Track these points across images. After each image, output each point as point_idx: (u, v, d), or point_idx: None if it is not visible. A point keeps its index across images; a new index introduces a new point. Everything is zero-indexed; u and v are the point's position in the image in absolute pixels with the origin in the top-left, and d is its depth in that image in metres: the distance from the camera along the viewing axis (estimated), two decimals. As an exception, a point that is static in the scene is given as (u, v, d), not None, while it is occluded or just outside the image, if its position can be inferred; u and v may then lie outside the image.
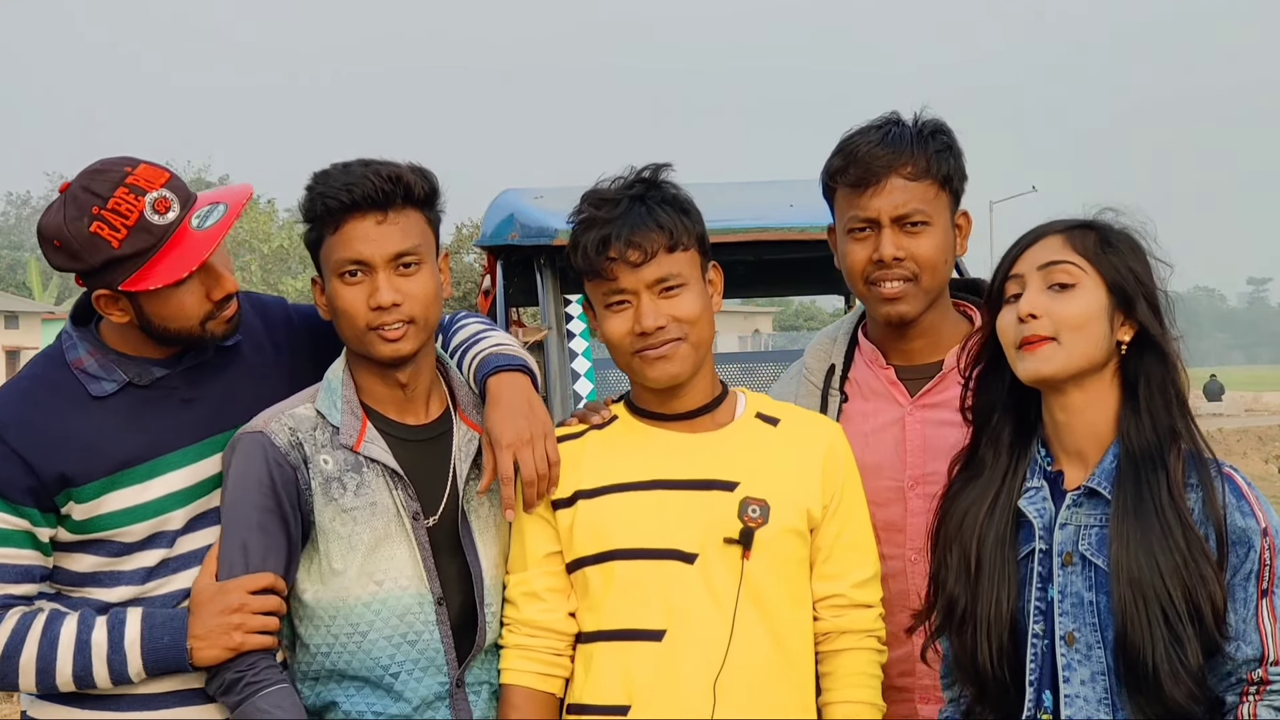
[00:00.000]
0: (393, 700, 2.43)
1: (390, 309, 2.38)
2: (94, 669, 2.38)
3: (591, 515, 2.43)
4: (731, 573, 2.37)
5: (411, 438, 2.50)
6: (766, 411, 2.53)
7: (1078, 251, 2.18)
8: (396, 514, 2.44)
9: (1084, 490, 2.19)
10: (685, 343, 2.39)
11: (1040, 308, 2.16)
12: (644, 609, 2.38)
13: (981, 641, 2.22)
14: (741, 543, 2.36)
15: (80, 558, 2.46)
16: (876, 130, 2.62)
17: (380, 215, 2.39)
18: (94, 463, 2.42)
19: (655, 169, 2.47)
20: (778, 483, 2.42)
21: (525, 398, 2.49)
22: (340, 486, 2.42)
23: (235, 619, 2.35)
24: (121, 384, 2.47)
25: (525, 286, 5.20)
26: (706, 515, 2.39)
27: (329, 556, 2.42)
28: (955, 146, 2.64)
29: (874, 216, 2.59)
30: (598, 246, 2.37)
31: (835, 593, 2.46)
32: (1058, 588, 2.18)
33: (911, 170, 2.57)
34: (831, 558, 2.47)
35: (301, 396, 2.50)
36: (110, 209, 2.35)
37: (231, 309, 2.50)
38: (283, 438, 2.42)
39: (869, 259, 2.60)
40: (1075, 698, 2.16)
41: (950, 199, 2.64)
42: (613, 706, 2.39)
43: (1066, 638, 2.17)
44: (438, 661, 2.45)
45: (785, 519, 2.40)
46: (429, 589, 2.45)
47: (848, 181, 2.61)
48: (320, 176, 2.44)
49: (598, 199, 2.43)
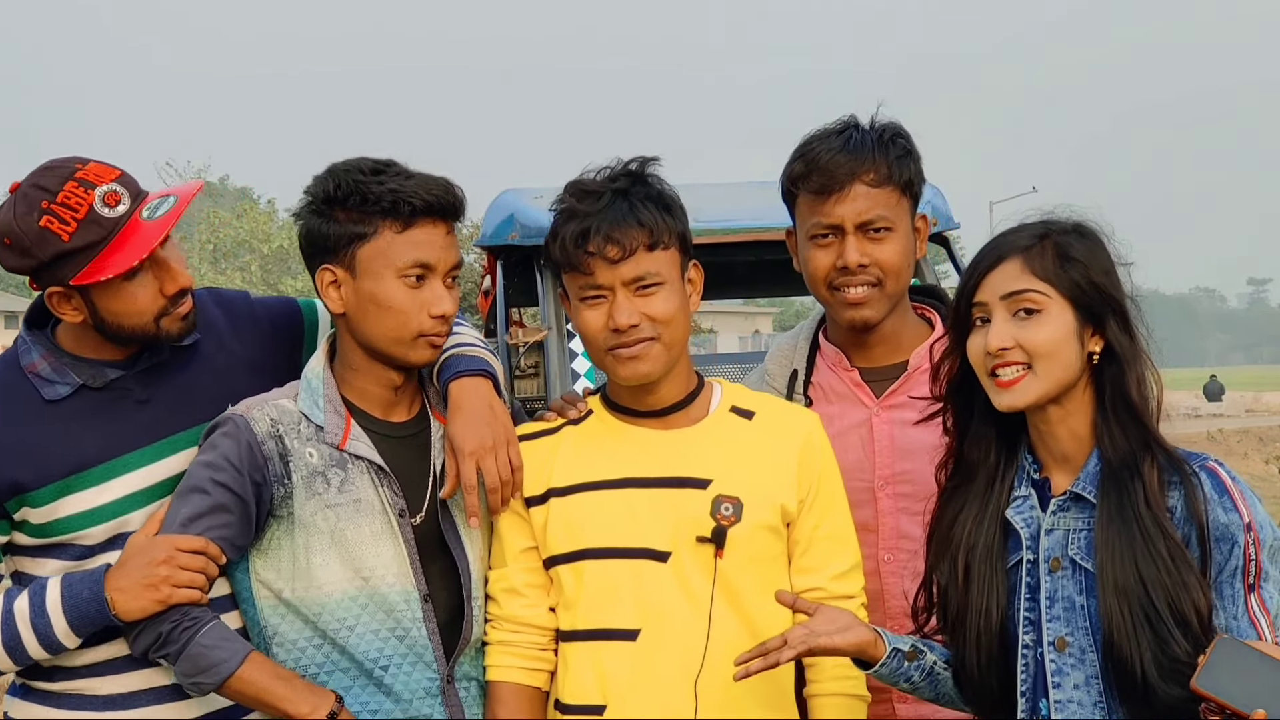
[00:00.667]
0: (385, 696, 2.43)
1: (444, 320, 2.43)
2: (22, 637, 2.36)
3: (564, 513, 2.41)
4: (705, 571, 2.35)
5: (394, 434, 2.50)
6: (741, 404, 2.50)
7: (1038, 275, 2.15)
8: (383, 510, 2.44)
9: (1069, 495, 2.19)
10: (658, 343, 2.36)
11: (1009, 339, 2.15)
12: (617, 608, 2.37)
13: (969, 651, 2.23)
14: (714, 541, 2.34)
15: (44, 562, 2.45)
16: (837, 136, 2.62)
17: (448, 226, 2.45)
18: (48, 467, 2.40)
19: (642, 163, 2.43)
20: (751, 479, 2.39)
21: (486, 403, 2.47)
22: (324, 481, 2.42)
23: (162, 570, 2.31)
24: (75, 387, 2.45)
25: (525, 286, 5.20)
26: (679, 514, 2.37)
27: (308, 550, 2.41)
28: (914, 150, 2.65)
29: (837, 223, 2.59)
30: (576, 240, 2.34)
31: (815, 585, 2.44)
32: (1046, 593, 2.18)
33: (874, 177, 2.57)
34: (810, 550, 2.45)
35: (284, 391, 2.49)
36: (60, 203, 2.33)
37: (186, 306, 2.47)
38: (263, 425, 2.41)
39: (832, 265, 2.61)
40: (1067, 703, 2.15)
41: (910, 203, 2.65)
42: (589, 706, 2.38)
43: (1057, 643, 2.16)
44: (426, 657, 2.45)
45: (759, 516, 2.37)
46: (415, 586, 2.44)
47: (810, 188, 2.61)
48: (371, 171, 2.40)
49: (580, 190, 2.39)
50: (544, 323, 4.85)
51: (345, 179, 2.40)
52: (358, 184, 2.39)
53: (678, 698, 2.33)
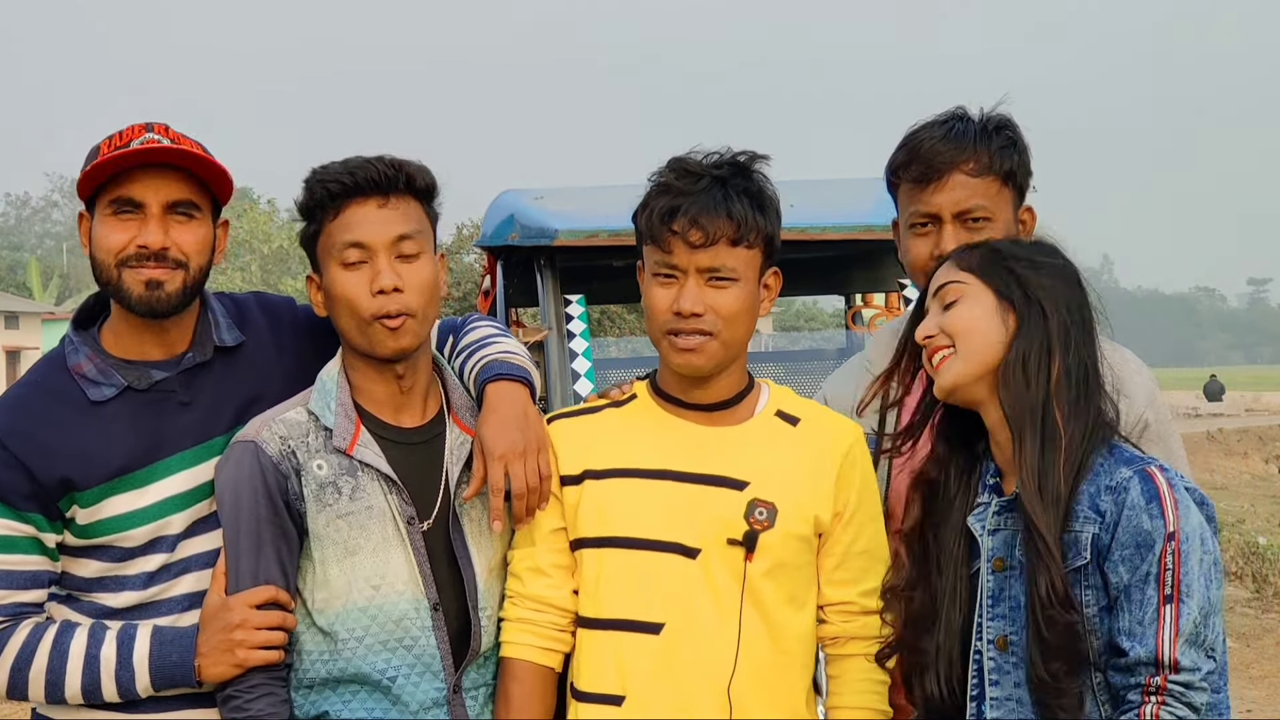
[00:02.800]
0: (391, 704, 2.42)
1: (391, 294, 2.36)
2: (102, 683, 2.38)
3: (597, 497, 2.39)
4: (732, 572, 2.34)
5: (405, 440, 2.48)
6: (788, 410, 2.48)
7: (961, 268, 2.28)
8: (392, 518, 2.42)
9: (1014, 496, 2.21)
10: (715, 340, 2.34)
11: (934, 326, 2.26)
12: (643, 601, 2.35)
13: (930, 667, 2.26)
14: (744, 544, 2.33)
15: (86, 563, 2.46)
16: (940, 125, 2.60)
17: (382, 199, 2.39)
18: (93, 468, 2.41)
19: (751, 157, 2.41)
20: (789, 486, 2.38)
21: (522, 408, 2.45)
22: (335, 491, 2.41)
23: (237, 635, 2.34)
24: (120, 389, 2.46)
25: (525, 287, 5.20)
26: (712, 512, 2.36)
27: (324, 563, 2.40)
28: (1020, 142, 2.63)
29: (935, 212, 2.57)
30: (664, 215, 2.32)
31: (846, 600, 2.44)
32: (989, 592, 2.21)
33: (974, 166, 2.55)
34: (844, 564, 2.44)
35: (294, 401, 2.48)
36: (119, 133, 2.44)
37: (153, 271, 2.41)
38: (274, 446, 2.39)
39: (931, 254, 2.57)
40: (1005, 700, 2.17)
41: (1013, 195, 2.62)
42: (608, 695, 2.37)
43: (998, 642, 2.19)
44: (434, 667, 2.43)
45: (791, 524, 2.36)
46: (425, 594, 2.43)
47: (910, 177, 2.59)
48: (318, 169, 2.44)
49: (682, 168, 2.37)
50: (544, 323, 4.86)
51: (304, 183, 2.43)
52: (305, 185, 2.42)
53: (699, 695, 2.33)
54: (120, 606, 2.46)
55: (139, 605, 2.46)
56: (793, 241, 5.59)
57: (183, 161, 2.43)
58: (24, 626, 2.41)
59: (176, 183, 2.43)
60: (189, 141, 2.46)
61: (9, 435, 2.40)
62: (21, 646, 2.39)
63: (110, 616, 2.45)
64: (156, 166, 2.41)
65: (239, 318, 2.61)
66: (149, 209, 2.42)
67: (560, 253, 4.76)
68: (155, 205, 2.42)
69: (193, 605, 2.46)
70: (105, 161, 2.38)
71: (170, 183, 2.43)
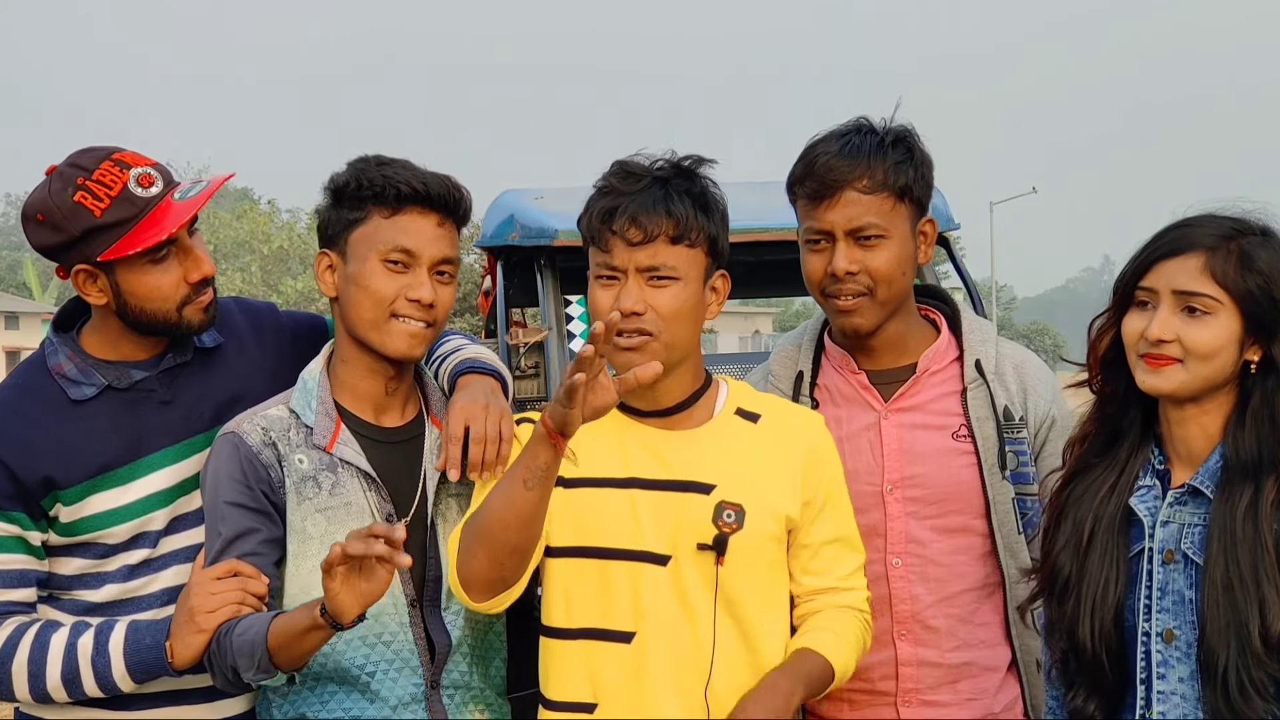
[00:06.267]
0: (369, 702, 2.42)
1: (426, 307, 2.40)
2: (80, 672, 2.38)
3: (565, 507, 2.36)
4: (703, 577, 2.33)
5: (385, 439, 2.49)
6: (747, 407, 2.46)
7: (1216, 280, 2.11)
8: (371, 515, 2.43)
9: (1187, 489, 2.17)
10: (657, 340, 2.31)
11: (1171, 332, 2.13)
12: (613, 610, 2.34)
13: (1084, 617, 2.20)
14: (715, 549, 2.31)
15: (68, 561, 2.47)
16: (837, 139, 2.58)
17: (442, 218, 2.43)
18: (75, 466, 2.42)
19: (696, 160, 2.40)
20: (755, 485, 2.36)
21: (491, 389, 2.50)
22: (315, 486, 2.42)
23: (194, 602, 2.33)
24: (101, 388, 2.47)
25: (525, 286, 5.20)
26: (680, 518, 2.33)
27: (298, 558, 2.41)
28: (917, 154, 2.60)
29: (828, 229, 2.56)
30: (603, 215, 2.33)
31: (824, 586, 2.44)
32: (1158, 584, 2.17)
33: (867, 183, 2.53)
34: (818, 556, 2.44)
35: (275, 399, 2.50)
36: (95, 180, 2.37)
37: (208, 296, 2.49)
38: (255, 437, 2.41)
39: (824, 271, 2.58)
40: (1171, 694, 2.14)
41: (911, 209, 2.60)
42: (579, 704, 2.35)
43: (1165, 634, 2.15)
44: (412, 663, 2.44)
45: (761, 524, 2.35)
46: (403, 591, 2.44)
47: (805, 193, 2.59)
48: (374, 161, 2.44)
49: (625, 170, 2.37)
50: (544, 323, 4.86)
51: (352, 169, 2.44)
52: (359, 172, 2.42)
53: (672, 701, 2.32)
54: (101, 601, 2.47)
55: (120, 600, 2.47)
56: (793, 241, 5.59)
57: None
58: (9, 623, 2.41)
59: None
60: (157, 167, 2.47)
61: None
62: (4, 643, 2.39)
63: (91, 612, 2.46)
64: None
65: (219, 321, 2.62)
66: (182, 242, 2.45)
67: (560, 253, 4.77)
68: (187, 238, 2.46)
69: (171, 600, 2.47)
70: (170, 235, 2.39)
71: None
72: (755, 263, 5.88)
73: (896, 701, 2.64)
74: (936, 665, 2.63)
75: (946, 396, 2.66)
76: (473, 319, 28.20)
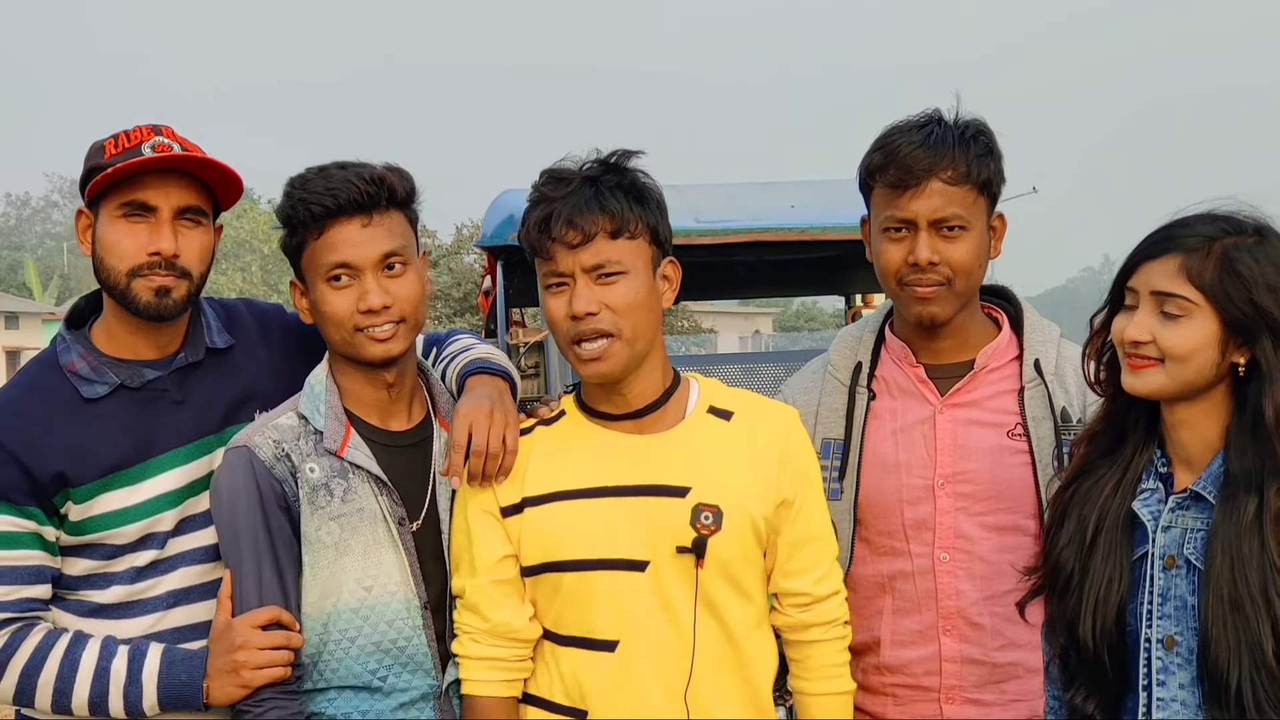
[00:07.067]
0: (378, 701, 2.43)
1: (380, 311, 2.38)
2: (110, 697, 2.39)
3: (539, 524, 2.35)
4: (683, 580, 2.31)
5: (394, 443, 2.49)
6: (719, 404, 2.43)
7: (1192, 281, 2.10)
8: (383, 519, 2.43)
9: (1190, 494, 2.16)
10: (618, 339, 2.29)
11: (1147, 333, 2.14)
12: (596, 620, 2.32)
13: (1085, 615, 2.20)
14: (695, 551, 2.30)
15: (75, 561, 2.47)
16: (918, 130, 2.57)
17: (365, 218, 2.38)
18: (87, 464, 2.42)
19: (622, 154, 2.37)
20: (731, 486, 2.34)
21: (497, 390, 2.48)
22: (328, 493, 2.41)
23: (240, 656, 2.34)
24: (113, 386, 2.47)
25: (525, 286, 5.21)
26: (657, 523, 2.31)
27: (315, 566, 2.41)
28: (995, 149, 2.61)
29: (911, 218, 2.55)
30: (540, 225, 2.30)
31: (800, 590, 2.43)
32: (1159, 590, 2.16)
33: (952, 174, 2.53)
34: (795, 556, 2.42)
35: (284, 406, 2.49)
36: (125, 133, 2.46)
37: (163, 280, 2.44)
38: (267, 450, 2.40)
39: (904, 260, 2.57)
40: (1170, 701, 2.13)
41: (988, 203, 2.61)
42: (570, 708, 2.35)
43: (1165, 641, 2.15)
44: (425, 666, 2.44)
45: (738, 524, 2.33)
46: (416, 594, 2.44)
47: (886, 181, 2.57)
48: (298, 182, 2.43)
49: (553, 177, 2.34)
50: (544, 323, 4.86)
51: (283, 195, 2.44)
52: (285, 197, 2.43)
53: (660, 707, 2.31)
54: (107, 602, 2.47)
55: (126, 601, 2.47)
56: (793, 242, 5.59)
57: (198, 169, 2.47)
58: (36, 632, 2.41)
59: (186, 188, 2.47)
60: (193, 146, 2.49)
61: (4, 434, 2.41)
62: (33, 653, 2.40)
63: (97, 613, 2.46)
64: (168, 171, 2.44)
65: (229, 322, 2.64)
66: (160, 214, 2.45)
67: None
68: (166, 210, 2.45)
69: (178, 602, 2.48)
70: (124, 166, 2.40)
71: (181, 188, 2.46)
72: (755, 263, 5.89)
73: (940, 698, 2.64)
74: (981, 663, 2.63)
75: (1004, 394, 2.66)
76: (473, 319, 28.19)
